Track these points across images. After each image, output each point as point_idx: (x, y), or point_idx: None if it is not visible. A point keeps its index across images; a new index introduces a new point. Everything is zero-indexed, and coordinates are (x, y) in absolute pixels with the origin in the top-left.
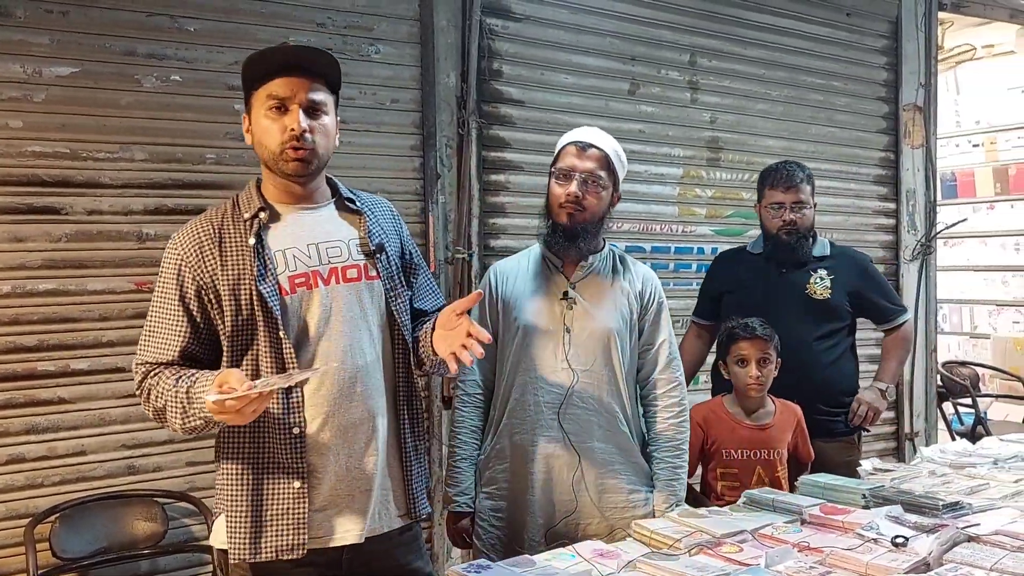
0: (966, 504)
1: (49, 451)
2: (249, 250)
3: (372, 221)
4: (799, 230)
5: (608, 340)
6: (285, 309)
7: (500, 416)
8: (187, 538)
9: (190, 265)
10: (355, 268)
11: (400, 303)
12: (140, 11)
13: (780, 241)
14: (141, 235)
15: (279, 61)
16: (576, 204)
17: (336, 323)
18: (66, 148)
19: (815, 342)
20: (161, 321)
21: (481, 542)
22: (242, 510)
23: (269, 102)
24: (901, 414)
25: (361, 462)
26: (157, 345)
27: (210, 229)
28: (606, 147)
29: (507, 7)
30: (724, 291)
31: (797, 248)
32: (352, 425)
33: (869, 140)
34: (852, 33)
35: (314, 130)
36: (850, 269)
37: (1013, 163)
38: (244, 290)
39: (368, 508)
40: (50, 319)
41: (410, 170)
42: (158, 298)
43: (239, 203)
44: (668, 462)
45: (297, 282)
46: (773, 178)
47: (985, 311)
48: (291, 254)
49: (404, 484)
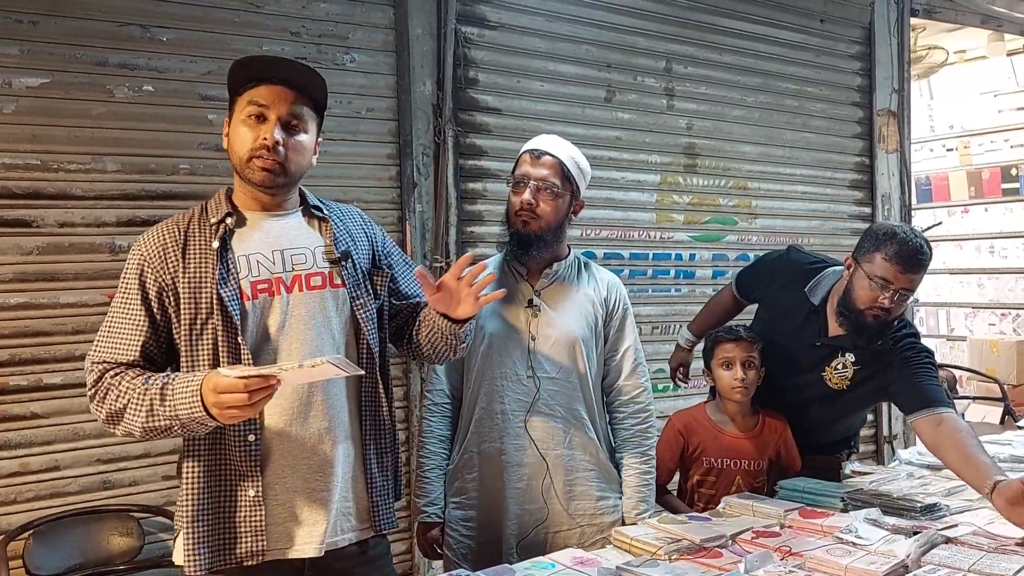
0: (944, 506)
1: (22, 467)
2: (213, 253)
3: (339, 228)
4: (889, 320)
5: (574, 347)
6: (245, 314)
7: (467, 425)
8: (164, 553)
9: (153, 266)
10: (319, 276)
11: (366, 311)
12: (111, 21)
13: (859, 321)
14: (114, 247)
15: (267, 70)
16: (530, 212)
17: (296, 330)
18: (37, 160)
19: (828, 425)
20: (122, 320)
21: (452, 552)
22: (201, 520)
23: (249, 108)
24: (879, 417)
25: (320, 474)
26: (116, 344)
27: (176, 231)
28: (560, 154)
29: (482, 15)
30: (764, 298)
31: (859, 329)
32: (310, 436)
33: (844, 145)
34: (826, 39)
35: (287, 145)
36: (883, 361)
37: (987, 167)
38: (205, 293)
39: (328, 521)
40: (22, 333)
41: (387, 179)
42: (120, 298)
43: (207, 208)
44: (636, 468)
45: (260, 288)
46: (898, 250)
47: (961, 314)
48: (255, 259)
49: (368, 497)
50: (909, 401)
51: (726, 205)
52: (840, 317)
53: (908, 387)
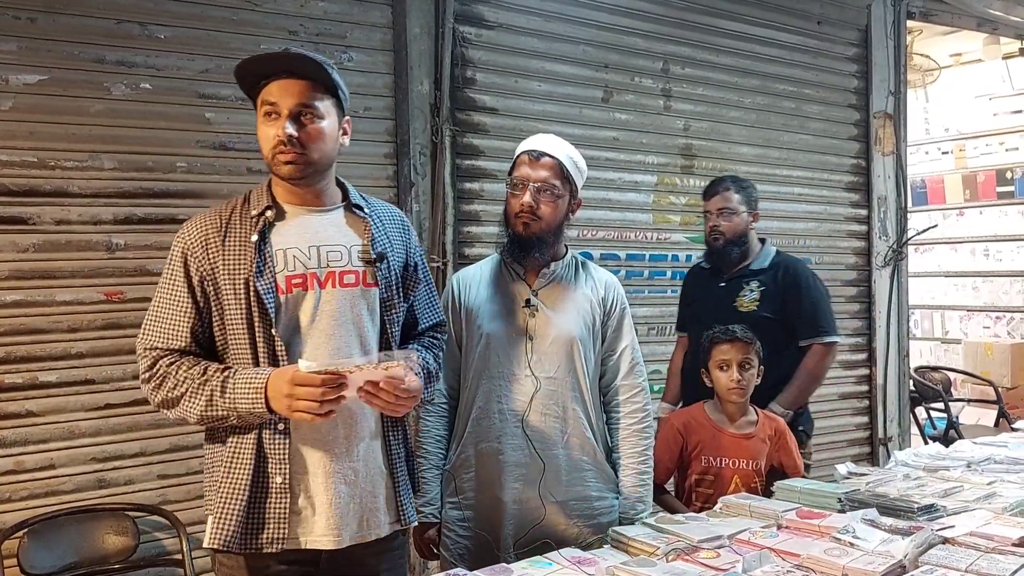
0: (940, 506)
1: (17, 465)
2: (251, 246)
3: (378, 229)
4: (724, 235)
5: (571, 347)
6: (279, 307)
7: (465, 425)
8: (159, 552)
9: (195, 254)
10: (353, 274)
11: (393, 314)
12: (109, 18)
13: (711, 249)
14: (111, 245)
15: (269, 67)
16: (531, 214)
17: (325, 326)
18: (34, 157)
19: None
20: (168, 306)
21: (449, 552)
22: (231, 503)
23: (264, 108)
24: (875, 419)
25: (344, 467)
26: (165, 330)
27: (217, 222)
28: (559, 154)
29: (480, 15)
30: (685, 304)
31: (724, 254)
32: (335, 429)
33: (840, 147)
34: (823, 41)
35: (302, 136)
36: (783, 279)
37: (982, 170)
38: (242, 284)
39: (350, 514)
40: (17, 331)
41: (384, 178)
42: (165, 284)
43: (249, 199)
44: (633, 468)
45: (294, 282)
46: (707, 186)
47: (956, 316)
48: (291, 254)
49: (391, 492)
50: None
51: None
52: (708, 257)
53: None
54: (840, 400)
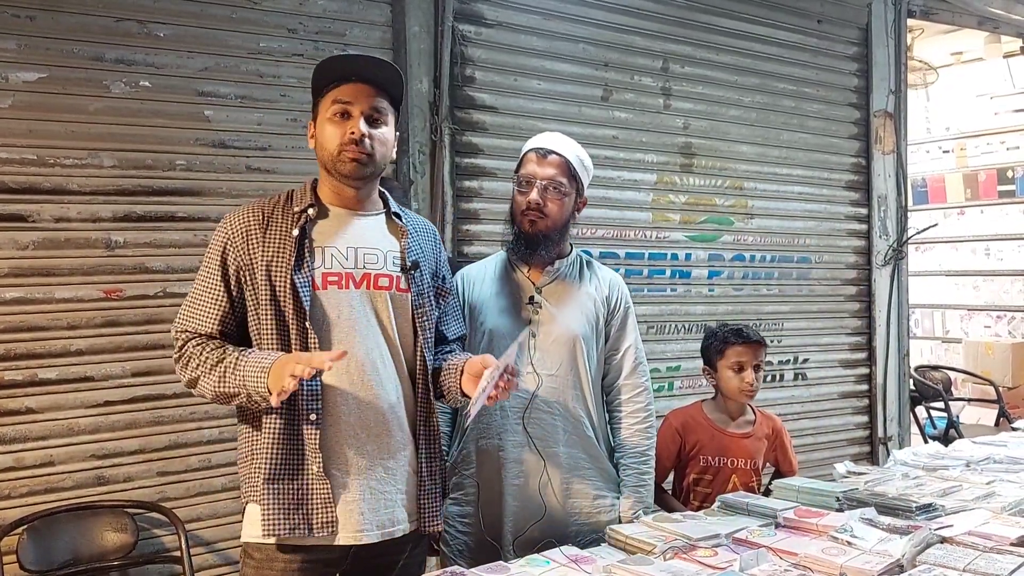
0: (939, 506)
1: (16, 462)
2: (292, 241)
3: (413, 240)
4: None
5: (574, 345)
6: (314, 302)
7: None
8: (158, 549)
9: (235, 246)
10: (387, 278)
11: (427, 319)
12: (108, 16)
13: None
14: (110, 242)
15: (348, 69)
16: (538, 211)
17: (357, 325)
18: (33, 154)
19: None
20: (203, 293)
21: (449, 548)
22: (275, 486)
23: (334, 107)
24: (875, 418)
25: (372, 465)
26: (198, 315)
27: (260, 215)
28: (567, 152)
29: (480, 13)
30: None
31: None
32: (364, 428)
33: (841, 146)
34: (823, 40)
35: (373, 137)
36: None
37: (982, 169)
38: (279, 277)
39: (376, 512)
40: (17, 328)
41: (383, 176)
42: (204, 272)
43: (293, 196)
44: (634, 468)
45: (330, 280)
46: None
47: (956, 315)
48: (330, 252)
49: (417, 496)
50: None
51: (722, 205)
52: None
53: None
54: (840, 399)
